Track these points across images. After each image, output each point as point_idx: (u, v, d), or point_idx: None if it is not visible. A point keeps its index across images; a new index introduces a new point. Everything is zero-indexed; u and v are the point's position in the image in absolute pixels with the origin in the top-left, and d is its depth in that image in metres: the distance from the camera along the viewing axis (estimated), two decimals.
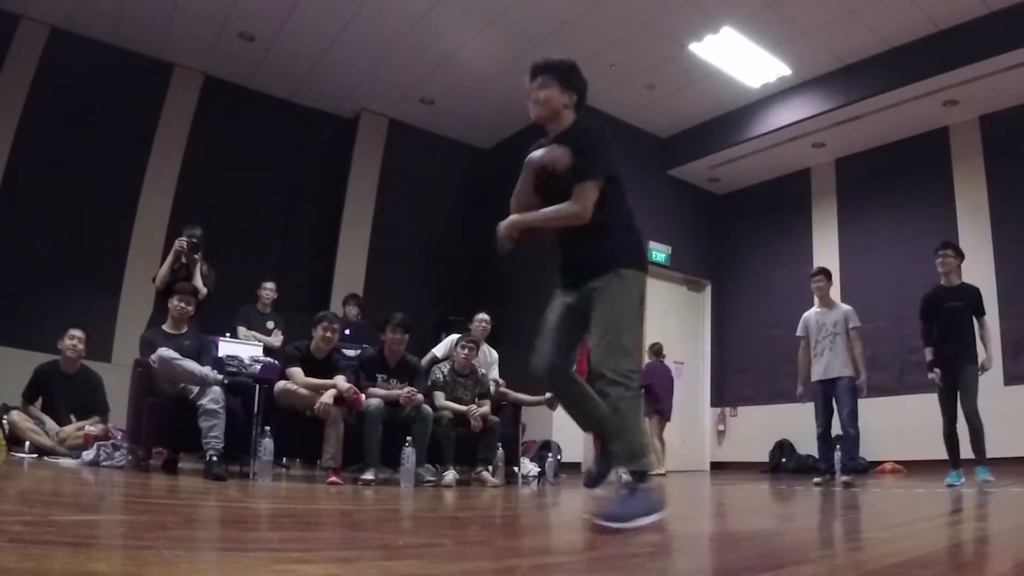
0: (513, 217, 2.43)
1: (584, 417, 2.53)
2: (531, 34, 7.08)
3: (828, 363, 5.53)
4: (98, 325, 6.65)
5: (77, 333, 5.10)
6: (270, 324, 6.18)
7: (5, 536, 1.43)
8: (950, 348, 5.12)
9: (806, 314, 5.88)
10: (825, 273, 5.88)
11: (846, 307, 5.73)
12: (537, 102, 2.44)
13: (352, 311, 6.63)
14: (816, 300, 5.86)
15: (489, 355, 6.10)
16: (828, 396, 5.52)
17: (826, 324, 5.63)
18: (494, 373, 6.05)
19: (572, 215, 2.32)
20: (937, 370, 5.22)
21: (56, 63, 7.00)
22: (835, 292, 6.40)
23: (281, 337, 6.03)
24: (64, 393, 5.02)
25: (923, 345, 5.35)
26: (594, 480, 2.65)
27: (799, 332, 5.85)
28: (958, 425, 5.06)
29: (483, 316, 6.07)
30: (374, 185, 8.76)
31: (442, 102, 8.57)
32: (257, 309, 6.22)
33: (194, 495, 3.08)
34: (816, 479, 5.55)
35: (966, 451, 5.00)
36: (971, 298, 5.19)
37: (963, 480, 4.89)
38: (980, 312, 5.17)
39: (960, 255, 5.30)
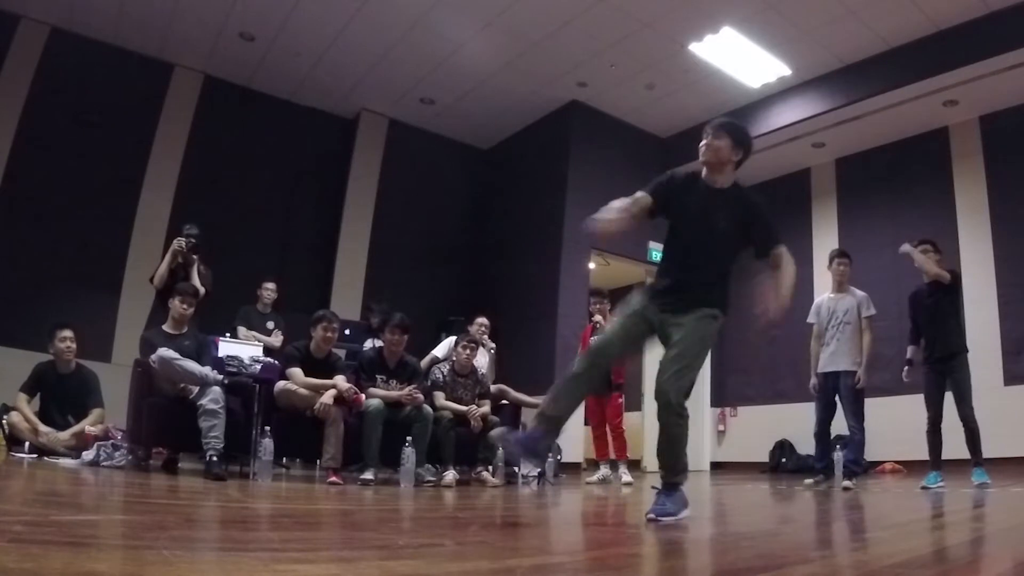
0: (783, 303, 2.74)
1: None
2: (531, 34, 7.09)
3: (834, 354, 5.22)
4: (98, 325, 6.68)
5: (67, 333, 5.05)
6: (270, 324, 6.18)
7: (5, 536, 1.44)
8: (934, 345, 4.98)
9: (818, 299, 5.58)
10: (849, 256, 5.53)
11: (861, 294, 5.37)
12: (709, 148, 2.76)
13: (376, 319, 6.63)
14: (834, 285, 5.50)
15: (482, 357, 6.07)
16: (830, 391, 5.23)
17: (837, 311, 5.30)
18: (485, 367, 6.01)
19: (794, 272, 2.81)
20: (906, 368, 5.14)
21: (56, 63, 7.00)
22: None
23: (281, 337, 6.03)
24: (60, 393, 4.99)
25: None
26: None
27: (810, 319, 5.54)
28: (945, 424, 4.90)
29: (483, 320, 6.04)
30: (374, 185, 8.76)
31: (442, 102, 8.57)
32: (257, 309, 6.22)
33: (194, 495, 3.08)
34: (808, 480, 5.32)
35: (948, 452, 4.89)
36: (944, 287, 4.99)
37: (941, 483, 4.72)
38: (957, 296, 5.04)
39: (938, 251, 5.14)
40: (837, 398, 5.23)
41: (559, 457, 6.62)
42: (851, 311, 5.27)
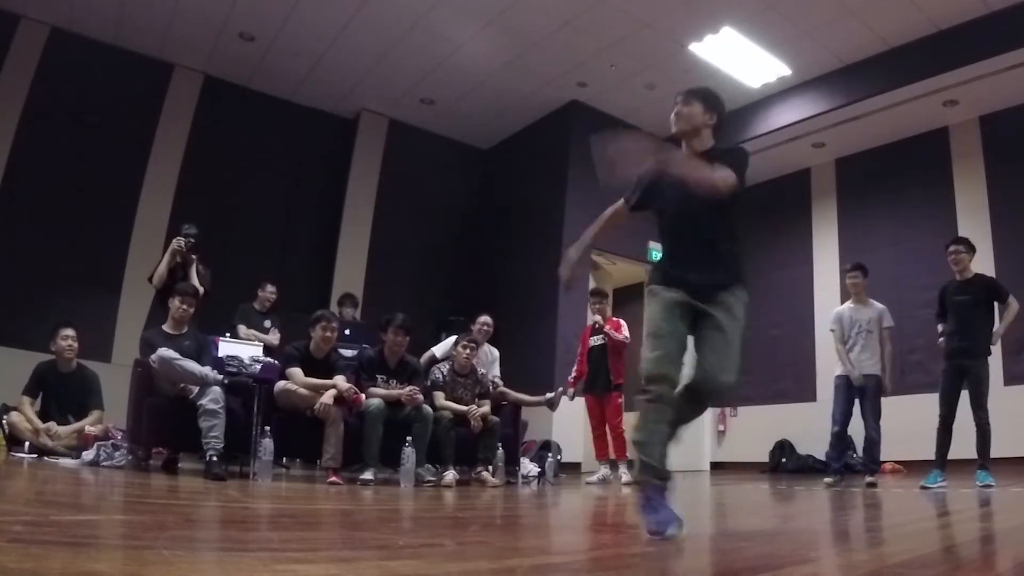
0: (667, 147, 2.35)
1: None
2: (531, 34, 7.08)
3: (857, 360, 5.46)
4: (98, 325, 6.68)
5: (70, 332, 5.07)
6: (267, 323, 6.21)
7: (5, 536, 1.43)
8: (956, 342, 5.02)
9: (839, 309, 5.83)
10: (862, 269, 5.75)
11: (880, 306, 5.62)
12: (680, 116, 2.53)
13: (348, 312, 6.62)
14: (852, 296, 5.76)
15: (490, 354, 6.08)
16: (851, 393, 5.46)
17: (860, 320, 5.56)
18: (495, 371, 6.03)
19: (714, 179, 2.24)
20: (941, 339, 5.17)
21: (56, 63, 7.00)
22: (835, 292, 6.36)
23: (279, 335, 6.06)
24: (61, 392, 5.00)
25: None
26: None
27: (832, 327, 5.77)
28: (955, 424, 4.95)
29: (485, 319, 5.99)
30: (374, 185, 8.75)
31: (442, 102, 8.56)
32: (255, 308, 6.24)
33: (194, 495, 3.08)
34: (827, 479, 5.44)
35: (952, 452, 4.91)
36: (981, 290, 5.04)
37: (942, 482, 4.75)
38: (1000, 299, 5.02)
39: (972, 249, 5.18)
40: (857, 400, 5.46)
41: (559, 457, 6.62)
42: (872, 321, 5.56)
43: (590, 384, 6.25)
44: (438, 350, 5.90)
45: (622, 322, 6.29)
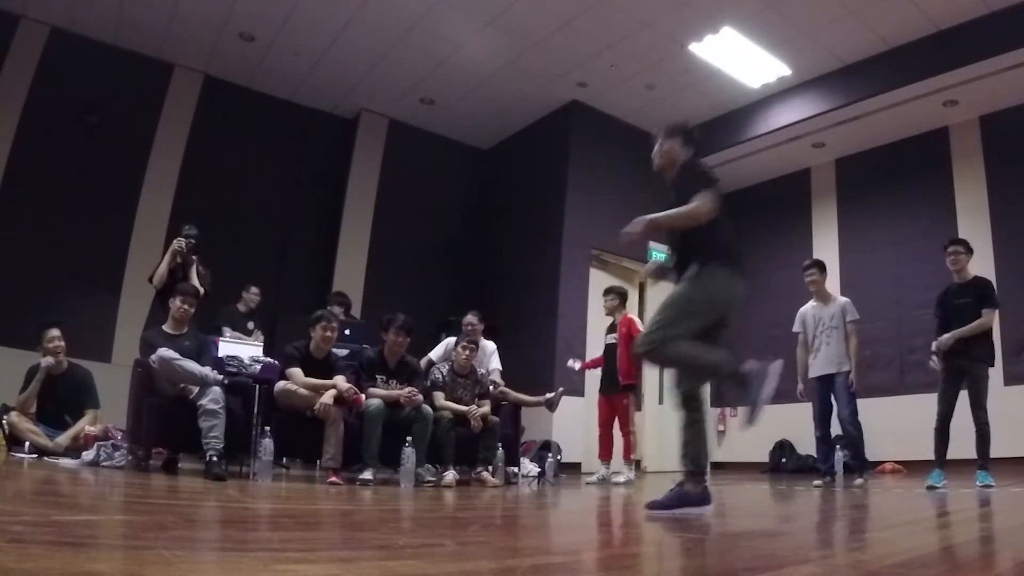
0: (650, 217, 2.84)
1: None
2: (531, 34, 7.09)
3: (825, 358, 5.43)
4: (98, 325, 6.68)
5: (54, 332, 5.01)
6: (250, 325, 6.23)
7: (5, 536, 1.43)
8: (958, 345, 4.99)
9: (802, 309, 5.77)
10: (818, 265, 5.72)
11: (844, 300, 5.59)
12: (659, 154, 3.02)
13: (337, 310, 6.63)
14: (813, 294, 5.73)
15: (485, 349, 6.02)
16: (826, 393, 5.43)
17: (823, 318, 5.52)
18: (494, 363, 5.93)
19: (687, 214, 2.76)
20: (934, 357, 5.13)
21: (56, 63, 7.00)
22: (835, 291, 6.31)
23: (262, 337, 6.11)
24: (54, 394, 4.97)
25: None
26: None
27: (796, 328, 5.73)
28: (953, 424, 4.93)
29: (470, 319, 5.75)
30: (374, 185, 8.75)
31: (442, 102, 8.57)
32: (239, 309, 6.28)
33: (194, 495, 3.08)
34: (816, 481, 5.45)
35: (951, 452, 4.90)
36: (978, 292, 5.03)
37: (945, 481, 4.75)
38: (984, 302, 5.01)
39: (970, 251, 5.17)
40: (832, 399, 5.43)
41: (559, 457, 6.62)
42: (836, 316, 5.51)
43: (603, 383, 6.30)
44: (435, 354, 5.87)
45: (636, 320, 6.27)
